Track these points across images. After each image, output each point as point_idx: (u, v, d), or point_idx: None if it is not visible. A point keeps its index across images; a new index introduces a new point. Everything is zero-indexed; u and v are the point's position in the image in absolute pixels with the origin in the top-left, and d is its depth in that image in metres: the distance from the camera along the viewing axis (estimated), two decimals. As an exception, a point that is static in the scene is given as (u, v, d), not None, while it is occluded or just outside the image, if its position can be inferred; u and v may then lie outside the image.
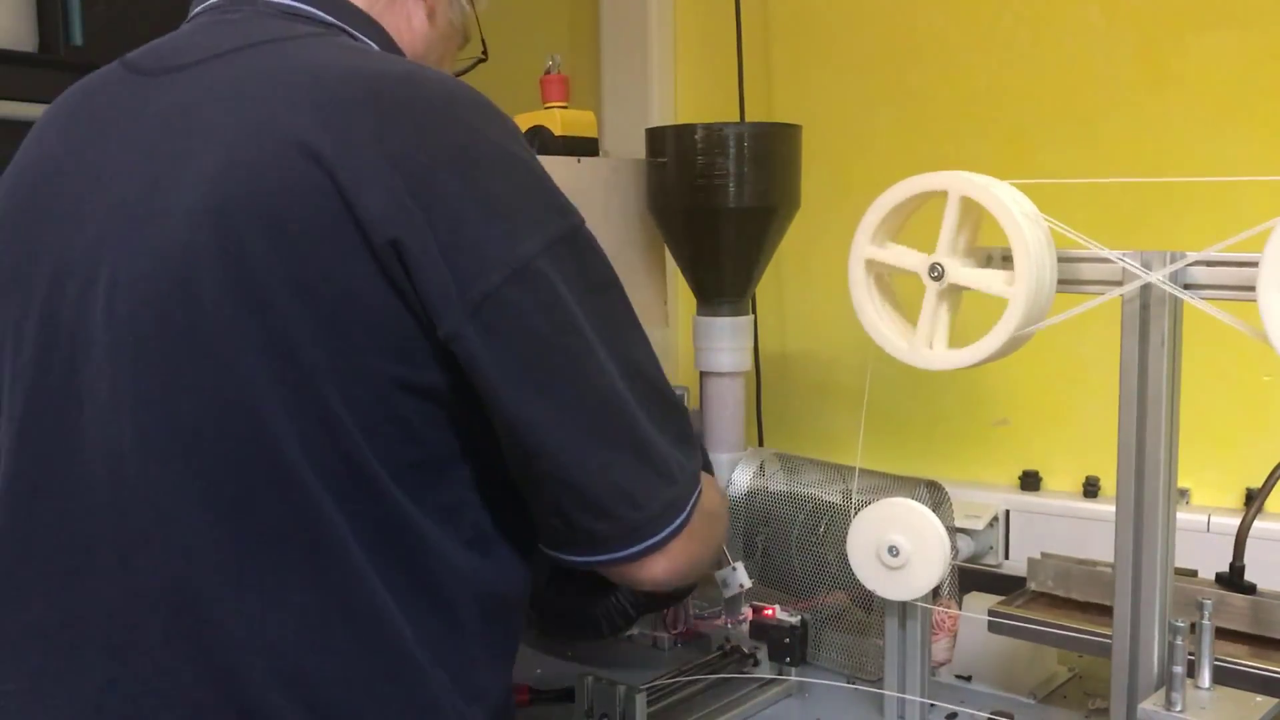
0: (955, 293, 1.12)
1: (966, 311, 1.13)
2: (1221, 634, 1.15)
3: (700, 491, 0.94)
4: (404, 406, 0.84)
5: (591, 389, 0.87)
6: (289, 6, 0.94)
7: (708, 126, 1.51)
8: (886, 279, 1.17)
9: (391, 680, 0.86)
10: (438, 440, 0.87)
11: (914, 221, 1.16)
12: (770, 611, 1.40)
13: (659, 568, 0.92)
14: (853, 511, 1.27)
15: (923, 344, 1.12)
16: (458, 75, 1.13)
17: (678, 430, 0.93)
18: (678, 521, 0.91)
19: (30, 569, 0.87)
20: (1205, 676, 1.04)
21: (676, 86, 2.05)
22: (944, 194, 1.10)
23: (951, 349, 1.11)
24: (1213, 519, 1.54)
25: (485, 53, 1.17)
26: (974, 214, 1.11)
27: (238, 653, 0.82)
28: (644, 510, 0.89)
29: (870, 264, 1.15)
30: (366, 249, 0.80)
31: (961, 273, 1.10)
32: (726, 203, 1.51)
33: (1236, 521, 1.23)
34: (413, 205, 0.80)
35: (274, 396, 0.81)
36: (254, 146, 0.82)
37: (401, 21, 1.01)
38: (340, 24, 0.95)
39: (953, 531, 1.36)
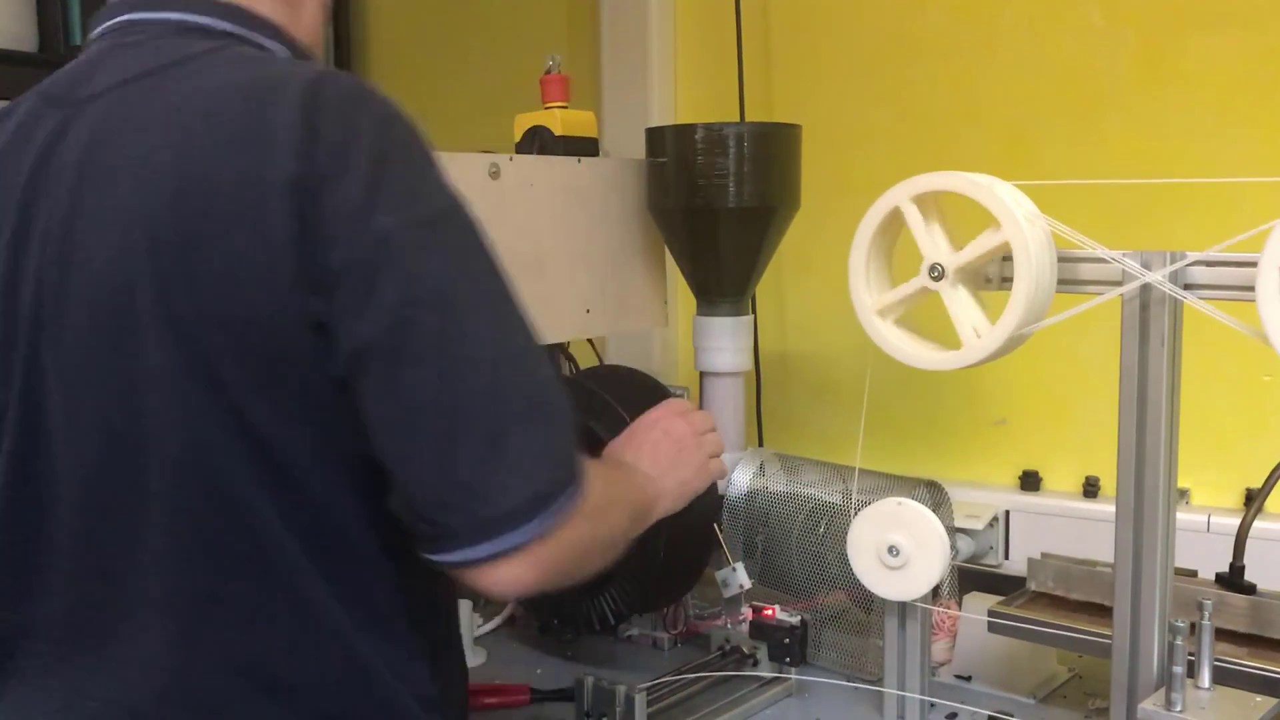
0: (968, 280, 1.12)
1: (966, 311, 1.13)
2: (1221, 634, 1.15)
3: (578, 493, 0.88)
4: (321, 397, 0.86)
5: (444, 370, 0.85)
6: (185, 21, 0.95)
7: (708, 126, 1.51)
8: (901, 315, 1.17)
9: (335, 667, 0.89)
10: (354, 433, 0.87)
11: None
12: (770, 611, 1.40)
13: (514, 574, 0.87)
14: (853, 511, 1.27)
15: (970, 338, 1.10)
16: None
17: (551, 424, 0.89)
18: (538, 521, 0.85)
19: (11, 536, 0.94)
20: (1205, 676, 1.04)
21: (676, 86, 2.05)
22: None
23: (953, 349, 1.11)
24: (1213, 519, 1.54)
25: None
26: (934, 209, 1.13)
27: (184, 639, 0.87)
28: (494, 506, 0.85)
29: (882, 313, 1.16)
30: (263, 246, 0.83)
31: (957, 256, 1.10)
32: (726, 202, 1.51)
33: (1236, 521, 1.23)
34: (301, 186, 0.83)
35: (183, 392, 0.85)
36: (168, 173, 0.85)
37: (306, 23, 1.04)
38: (239, 30, 0.96)
39: (953, 531, 1.36)
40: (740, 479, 1.53)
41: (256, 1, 0.98)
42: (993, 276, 1.14)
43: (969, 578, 1.45)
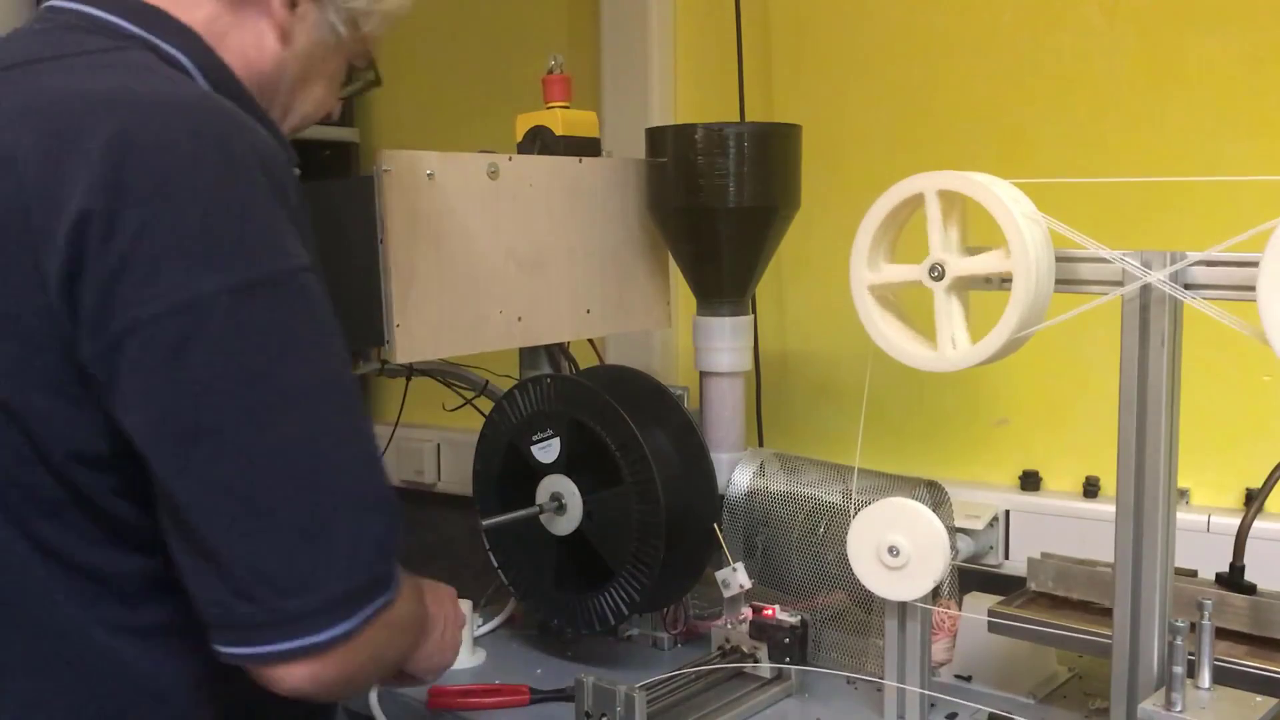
0: (962, 288, 1.12)
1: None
2: (1221, 634, 1.15)
3: (390, 601, 0.85)
4: (61, 452, 0.82)
5: (248, 453, 0.80)
6: (96, 18, 0.92)
7: (708, 126, 1.51)
8: (891, 298, 1.17)
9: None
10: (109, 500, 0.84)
11: (903, 241, 1.17)
12: (770, 611, 1.40)
13: (307, 673, 0.82)
14: (853, 511, 1.27)
15: (946, 346, 1.11)
16: (347, 96, 1.14)
17: (371, 522, 0.85)
18: (346, 626, 0.81)
19: None
20: (1205, 676, 1.04)
21: (676, 86, 2.05)
22: (923, 198, 1.10)
23: (971, 344, 1.11)
24: (1213, 519, 1.54)
25: (378, 78, 1.15)
26: (957, 209, 1.12)
27: None
28: (296, 600, 0.80)
29: (873, 289, 1.15)
30: (34, 266, 0.79)
31: (961, 264, 1.10)
32: (726, 203, 1.51)
33: (1236, 521, 1.23)
34: (94, 221, 0.78)
35: None
36: None
37: (249, 42, 0.98)
38: (146, 34, 0.92)
39: (953, 531, 1.36)
40: (740, 479, 1.53)
41: (182, 8, 0.94)
42: (992, 277, 1.14)
43: (969, 578, 1.45)
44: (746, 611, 1.43)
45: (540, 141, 1.58)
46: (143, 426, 0.80)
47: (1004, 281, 1.12)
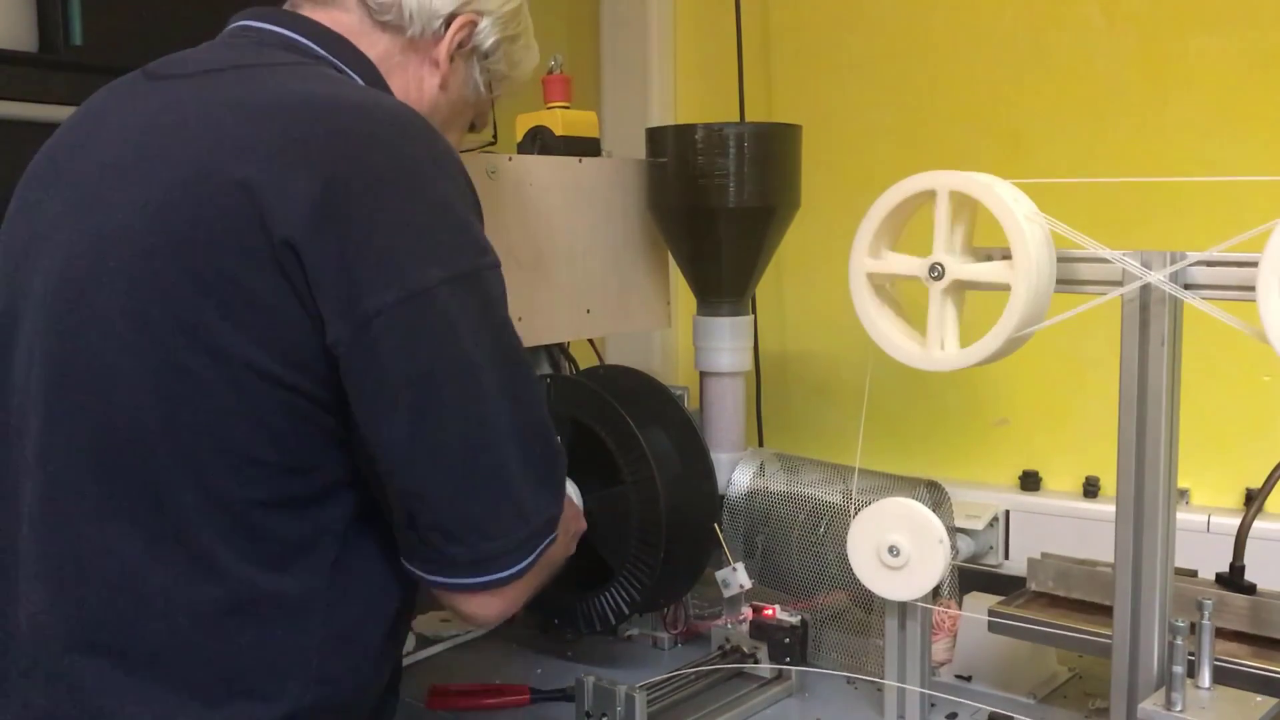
0: (959, 291, 1.12)
1: (967, 311, 1.13)
2: (1221, 634, 1.15)
3: (554, 540, 1.00)
4: (272, 407, 0.89)
5: (463, 420, 0.93)
6: (288, 38, 1.02)
7: (708, 126, 1.51)
8: (888, 288, 1.17)
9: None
10: (307, 452, 0.92)
11: (910, 231, 1.16)
12: (770, 611, 1.40)
13: (491, 602, 0.99)
14: (853, 511, 1.27)
15: (934, 346, 1.11)
16: (464, 153, 1.22)
17: (546, 473, 0.99)
18: (524, 563, 0.97)
19: None
20: (1205, 676, 1.04)
21: (676, 86, 2.05)
22: (934, 194, 1.10)
23: (959, 348, 1.11)
24: (1213, 519, 1.54)
25: (495, 137, 1.26)
26: (967, 211, 1.11)
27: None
28: (494, 543, 0.95)
29: (871, 277, 1.15)
30: (268, 247, 0.86)
31: (962, 268, 1.10)
32: (726, 202, 1.51)
33: (1236, 521, 1.22)
34: (323, 213, 0.87)
35: (133, 362, 0.89)
36: (196, 157, 0.90)
37: (412, 81, 1.09)
38: (331, 57, 1.02)
39: (953, 531, 1.36)
40: (740, 479, 1.53)
41: (362, 41, 1.04)
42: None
43: (969, 578, 1.45)
44: (746, 611, 1.43)
45: (540, 141, 1.58)
46: (372, 397, 0.90)
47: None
